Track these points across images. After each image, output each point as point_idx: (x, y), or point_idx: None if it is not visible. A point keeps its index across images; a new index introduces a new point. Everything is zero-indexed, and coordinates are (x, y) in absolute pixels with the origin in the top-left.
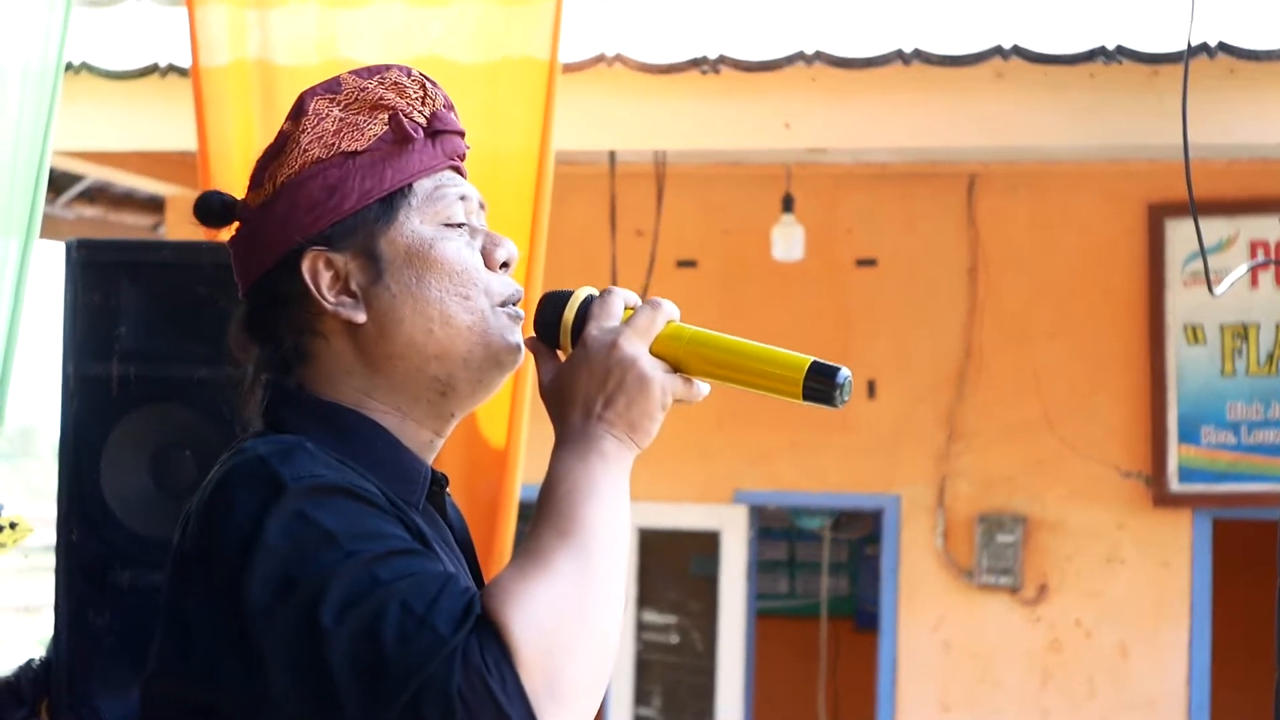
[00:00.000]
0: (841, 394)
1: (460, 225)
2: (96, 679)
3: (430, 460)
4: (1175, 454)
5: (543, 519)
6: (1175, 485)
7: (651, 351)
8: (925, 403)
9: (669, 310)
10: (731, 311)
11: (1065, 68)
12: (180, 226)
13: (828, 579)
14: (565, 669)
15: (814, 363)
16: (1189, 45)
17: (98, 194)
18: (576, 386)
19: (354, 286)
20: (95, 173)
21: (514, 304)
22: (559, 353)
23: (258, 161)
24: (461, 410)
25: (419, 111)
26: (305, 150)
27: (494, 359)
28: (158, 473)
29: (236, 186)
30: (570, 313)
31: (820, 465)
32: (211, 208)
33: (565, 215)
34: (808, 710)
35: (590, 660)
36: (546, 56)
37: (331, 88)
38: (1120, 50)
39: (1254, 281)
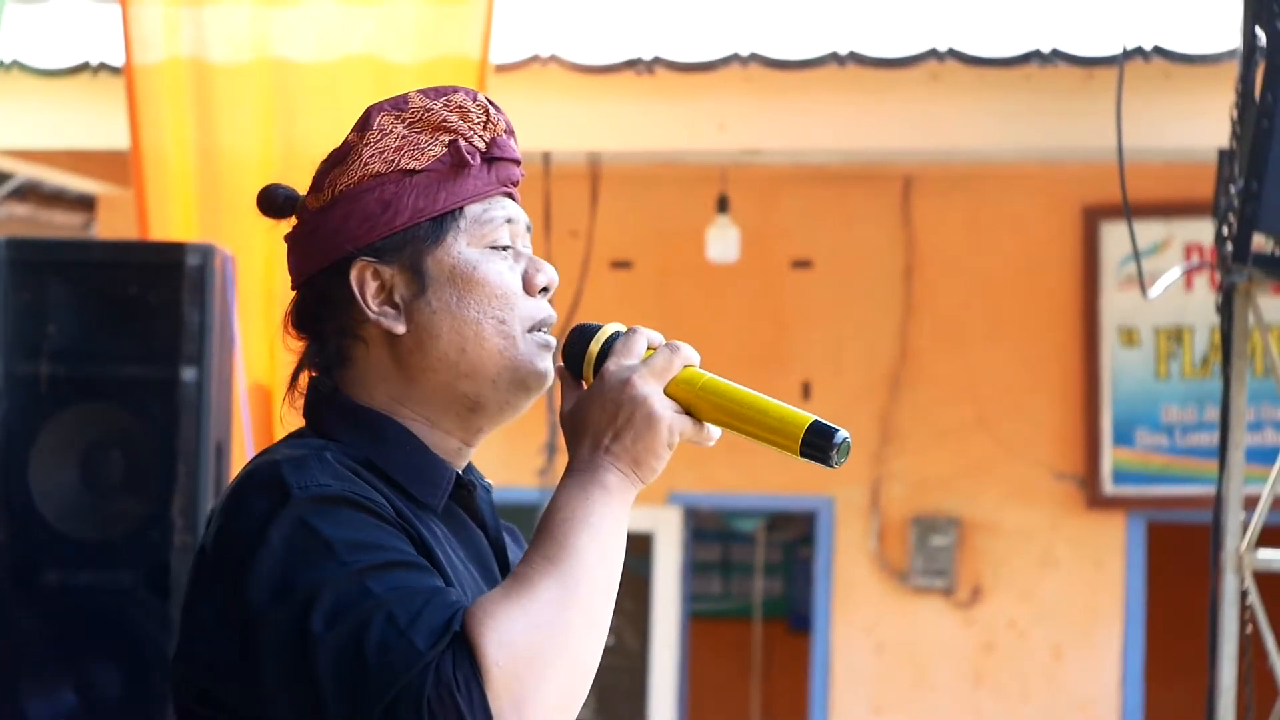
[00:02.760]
0: (838, 454)
1: (505, 248)
2: (23, 680)
3: (460, 465)
4: (1109, 456)
5: (536, 545)
6: (1109, 487)
7: (666, 393)
8: (860, 404)
9: (688, 355)
10: (667, 313)
11: (1000, 70)
12: (111, 225)
13: (761, 581)
14: (534, 693)
15: (814, 422)
16: (1124, 49)
17: (28, 192)
18: (589, 418)
19: (397, 298)
20: (25, 171)
21: (545, 329)
22: (583, 383)
23: (320, 166)
24: (490, 425)
25: (479, 136)
26: (366, 163)
27: (520, 383)
28: (87, 473)
29: (169, 184)
30: (595, 346)
31: (754, 467)
32: (275, 201)
33: None
34: (740, 712)
35: (561, 686)
36: (479, 56)
37: (398, 105)
38: (1055, 53)
39: (1188, 284)
